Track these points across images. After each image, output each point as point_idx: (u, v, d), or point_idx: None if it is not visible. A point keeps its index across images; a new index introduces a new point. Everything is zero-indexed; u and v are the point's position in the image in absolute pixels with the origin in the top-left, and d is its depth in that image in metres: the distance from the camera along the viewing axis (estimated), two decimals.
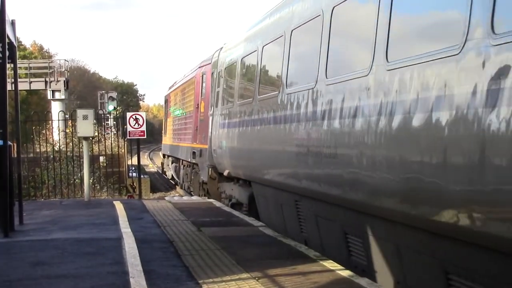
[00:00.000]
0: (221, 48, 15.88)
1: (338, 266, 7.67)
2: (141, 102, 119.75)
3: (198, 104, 19.56)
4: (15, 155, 12.08)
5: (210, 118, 15.60)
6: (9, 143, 10.39)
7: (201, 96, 18.99)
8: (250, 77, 11.88)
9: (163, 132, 31.48)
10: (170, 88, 30.17)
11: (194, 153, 19.62)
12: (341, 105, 7.27)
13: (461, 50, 4.99)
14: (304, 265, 7.74)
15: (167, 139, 29.13)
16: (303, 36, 9.13)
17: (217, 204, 14.89)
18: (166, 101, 30.95)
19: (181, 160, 23.98)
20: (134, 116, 16.69)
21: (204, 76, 18.73)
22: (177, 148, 24.84)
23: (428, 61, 5.47)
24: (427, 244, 5.87)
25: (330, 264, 7.78)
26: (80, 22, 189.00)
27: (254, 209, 12.46)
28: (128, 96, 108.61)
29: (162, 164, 34.44)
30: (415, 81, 5.64)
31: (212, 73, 16.46)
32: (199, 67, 20.15)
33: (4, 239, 9.71)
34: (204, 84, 18.63)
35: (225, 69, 14.37)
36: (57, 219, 12.36)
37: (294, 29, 9.35)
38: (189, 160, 20.74)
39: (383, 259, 6.93)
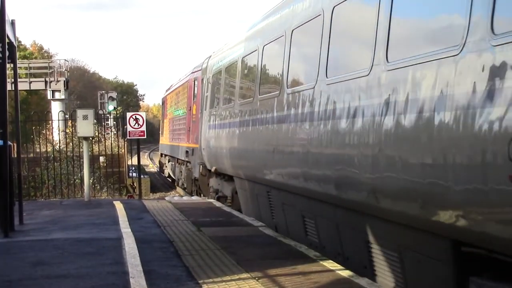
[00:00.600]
0: (210, 56, 17.52)
1: (338, 266, 7.68)
2: (141, 102, 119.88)
3: (190, 107, 20.96)
4: (15, 155, 12.08)
5: (200, 120, 17.26)
6: (9, 143, 10.39)
7: (193, 100, 20.36)
8: (232, 85, 13.38)
9: (160, 132, 33.39)
10: (167, 90, 31.85)
11: (187, 152, 21.04)
12: (295, 111, 8.85)
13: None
14: (304, 265, 7.75)
15: (164, 139, 30.85)
16: (273, 55, 10.76)
17: (217, 204, 14.90)
18: (163, 103, 32.92)
19: (176, 159, 25.47)
20: (134, 116, 16.70)
21: (195, 81, 20.17)
22: (172, 148, 26.65)
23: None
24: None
25: (330, 264, 7.78)
26: (80, 22, 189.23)
27: (237, 202, 14.02)
28: (128, 96, 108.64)
29: (160, 162, 36.68)
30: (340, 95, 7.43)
31: (202, 79, 18.17)
32: (191, 73, 21.70)
33: (4, 239, 9.72)
34: (195, 89, 20.07)
35: (212, 76, 16.16)
36: (57, 219, 12.36)
37: (266, 45, 10.96)
38: (183, 158, 22.43)
39: (327, 235, 8.64)
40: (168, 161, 29.62)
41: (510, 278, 5.03)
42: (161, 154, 34.35)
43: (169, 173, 30.73)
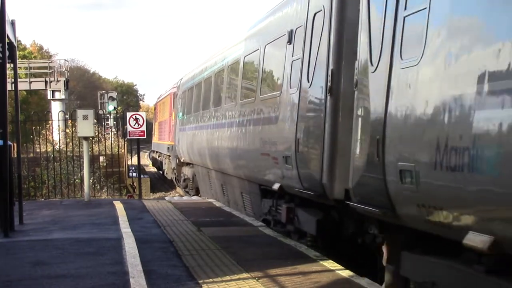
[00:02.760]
0: (181, 78, 24.55)
1: (338, 266, 7.68)
2: (141, 102, 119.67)
3: (170, 114, 28.10)
4: (15, 155, 12.08)
5: (174, 124, 24.36)
6: (9, 143, 10.39)
7: (173, 108, 27.08)
8: (190, 101, 20.01)
9: (153, 133, 39.96)
10: (157, 98, 40.48)
11: (168, 148, 28.37)
12: (217, 121, 14.79)
13: None
14: (304, 265, 7.75)
15: (154, 139, 38.77)
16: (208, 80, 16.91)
17: (217, 204, 14.91)
18: (155, 109, 41.63)
19: (163, 154, 32.76)
20: (134, 116, 16.71)
21: (174, 94, 26.65)
22: (159, 145, 34.44)
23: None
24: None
25: (330, 264, 7.78)
26: (80, 22, 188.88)
27: (195, 181, 20.39)
28: (128, 96, 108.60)
29: (153, 158, 44.23)
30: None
31: (176, 94, 25.21)
32: (172, 88, 28.84)
33: (4, 239, 9.71)
34: (174, 100, 26.50)
35: (181, 93, 23.12)
36: (57, 219, 12.36)
37: (206, 79, 17.34)
38: (165, 152, 30.27)
39: (230, 193, 14.68)
40: (158, 156, 36.88)
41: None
42: (153, 151, 42.93)
43: (158, 166, 39.01)
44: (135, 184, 22.30)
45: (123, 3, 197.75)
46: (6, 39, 9.74)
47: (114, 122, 31.53)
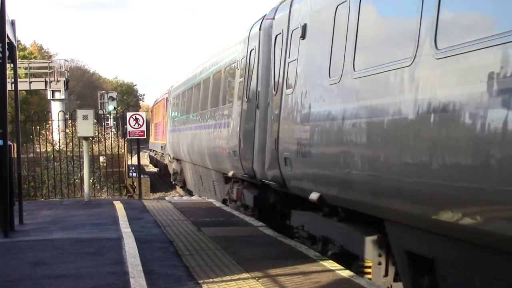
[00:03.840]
0: (172, 86, 28.59)
1: (338, 266, 7.67)
2: (141, 102, 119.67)
3: (163, 116, 32.09)
4: (15, 155, 12.08)
5: (166, 125, 28.40)
6: (9, 143, 10.38)
7: (166, 112, 30.66)
8: (177, 107, 24.31)
9: (150, 133, 43.68)
10: (154, 102, 45.73)
11: (161, 146, 32.61)
12: (195, 124, 18.38)
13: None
14: (304, 265, 7.75)
15: (151, 138, 42.86)
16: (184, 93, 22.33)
17: (217, 204, 14.91)
18: (152, 111, 46.45)
19: (158, 152, 37.50)
20: (134, 116, 16.71)
21: (167, 99, 30.64)
22: (155, 144, 39.61)
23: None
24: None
25: (330, 264, 7.78)
26: (80, 22, 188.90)
27: (182, 174, 24.15)
28: (128, 96, 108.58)
29: (150, 156, 49.78)
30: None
31: (168, 100, 29.50)
32: (165, 93, 33.15)
33: (4, 239, 9.71)
34: (167, 104, 30.36)
35: (171, 99, 27.33)
36: (57, 219, 12.36)
37: (188, 89, 21.28)
38: (159, 151, 35.32)
39: (205, 182, 18.34)
40: (154, 154, 42.10)
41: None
42: (150, 150, 48.13)
43: (154, 163, 44.96)
44: (135, 184, 22.31)
45: (123, 3, 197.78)
46: (6, 39, 9.74)
47: (114, 122, 31.56)
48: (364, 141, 6.77)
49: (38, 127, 21.79)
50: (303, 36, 9.15)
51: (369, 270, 7.46)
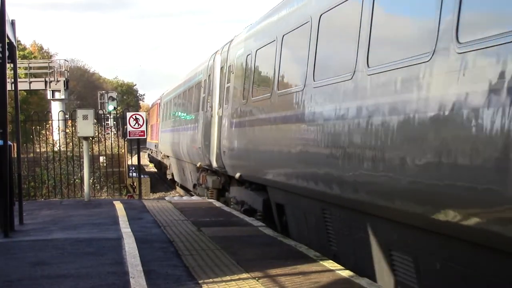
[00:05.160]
0: (163, 94, 34.28)
1: (338, 266, 7.67)
2: (141, 102, 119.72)
3: (157, 119, 36.86)
4: (15, 155, 12.07)
5: (159, 126, 33.44)
6: (9, 143, 10.38)
7: (159, 115, 35.54)
8: (165, 113, 29.89)
9: (147, 133, 47.27)
10: (151, 105, 54.72)
11: (155, 145, 38.20)
12: (176, 127, 24.33)
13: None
14: (304, 265, 7.74)
15: (148, 138, 47.61)
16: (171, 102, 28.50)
17: (217, 204, 14.91)
18: (148, 114, 51.80)
19: (153, 150, 43.45)
20: (134, 116, 16.71)
21: (159, 104, 36.00)
22: (150, 143, 44.80)
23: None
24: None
25: (330, 264, 7.78)
26: (80, 22, 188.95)
27: (171, 169, 29.26)
28: (128, 96, 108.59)
29: (149, 155, 55.17)
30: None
31: (160, 104, 35.00)
32: (158, 99, 38.80)
33: (4, 239, 9.71)
34: (159, 109, 35.67)
35: (163, 105, 32.54)
36: (57, 219, 12.36)
37: (175, 97, 26.73)
38: (153, 148, 41.84)
39: (190, 175, 22.12)
40: (151, 152, 48.15)
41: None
42: (147, 148, 53.45)
43: (150, 159, 52.10)
44: (135, 184, 22.32)
45: (123, 3, 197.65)
46: (6, 39, 9.74)
47: (114, 122, 31.57)
48: (256, 141, 11.26)
49: (38, 127, 21.79)
50: (232, 71, 13.74)
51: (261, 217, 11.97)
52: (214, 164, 15.22)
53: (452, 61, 5.12)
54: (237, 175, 12.80)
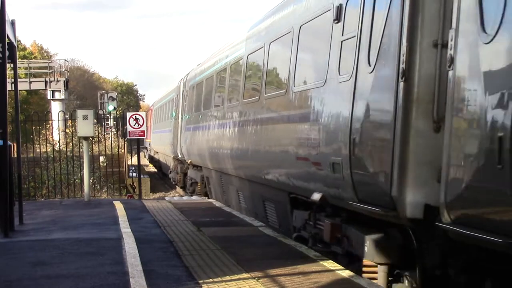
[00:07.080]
0: (154, 102, 43.54)
1: (338, 266, 7.67)
2: (141, 102, 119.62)
3: (150, 122, 41.85)
4: (15, 155, 12.07)
5: (151, 128, 40.89)
6: (9, 143, 10.38)
7: (151, 120, 41.85)
8: (159, 118, 35.33)
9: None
10: (148, 109, 60.36)
11: (149, 144, 44.43)
12: (160, 129, 33.23)
13: None
14: (304, 265, 7.74)
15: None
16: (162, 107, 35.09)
17: (217, 204, 14.91)
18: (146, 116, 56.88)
19: (147, 147, 49.11)
20: (134, 116, 16.72)
21: (152, 110, 43.49)
22: (146, 142, 48.63)
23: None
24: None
25: (330, 264, 7.78)
26: (80, 22, 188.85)
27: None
28: (128, 96, 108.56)
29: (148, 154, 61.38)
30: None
31: (152, 110, 42.53)
32: (151, 106, 47.45)
33: (4, 239, 9.71)
34: (152, 114, 42.81)
35: (154, 110, 40.22)
36: (57, 219, 12.36)
37: (163, 105, 33.91)
38: (148, 146, 47.32)
39: (170, 167, 29.21)
40: (147, 150, 52.92)
41: None
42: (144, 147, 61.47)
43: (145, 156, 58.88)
44: (135, 184, 22.31)
45: (123, 3, 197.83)
46: (6, 39, 9.74)
47: (114, 122, 31.59)
48: (194, 140, 17.81)
49: (38, 127, 21.79)
50: (186, 94, 21.11)
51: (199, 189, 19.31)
52: (179, 155, 22.39)
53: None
54: (189, 161, 19.97)
